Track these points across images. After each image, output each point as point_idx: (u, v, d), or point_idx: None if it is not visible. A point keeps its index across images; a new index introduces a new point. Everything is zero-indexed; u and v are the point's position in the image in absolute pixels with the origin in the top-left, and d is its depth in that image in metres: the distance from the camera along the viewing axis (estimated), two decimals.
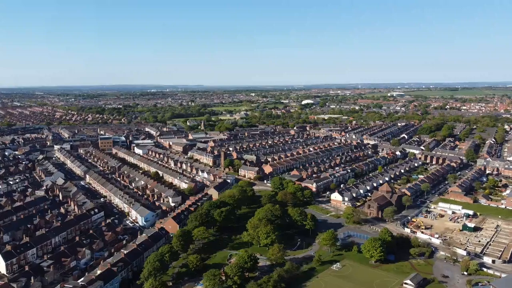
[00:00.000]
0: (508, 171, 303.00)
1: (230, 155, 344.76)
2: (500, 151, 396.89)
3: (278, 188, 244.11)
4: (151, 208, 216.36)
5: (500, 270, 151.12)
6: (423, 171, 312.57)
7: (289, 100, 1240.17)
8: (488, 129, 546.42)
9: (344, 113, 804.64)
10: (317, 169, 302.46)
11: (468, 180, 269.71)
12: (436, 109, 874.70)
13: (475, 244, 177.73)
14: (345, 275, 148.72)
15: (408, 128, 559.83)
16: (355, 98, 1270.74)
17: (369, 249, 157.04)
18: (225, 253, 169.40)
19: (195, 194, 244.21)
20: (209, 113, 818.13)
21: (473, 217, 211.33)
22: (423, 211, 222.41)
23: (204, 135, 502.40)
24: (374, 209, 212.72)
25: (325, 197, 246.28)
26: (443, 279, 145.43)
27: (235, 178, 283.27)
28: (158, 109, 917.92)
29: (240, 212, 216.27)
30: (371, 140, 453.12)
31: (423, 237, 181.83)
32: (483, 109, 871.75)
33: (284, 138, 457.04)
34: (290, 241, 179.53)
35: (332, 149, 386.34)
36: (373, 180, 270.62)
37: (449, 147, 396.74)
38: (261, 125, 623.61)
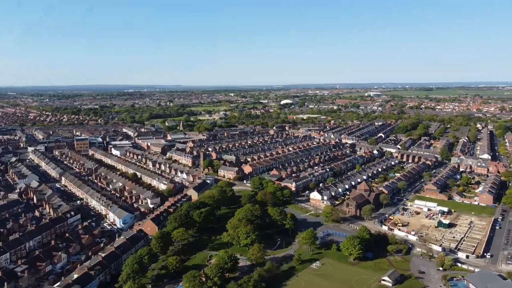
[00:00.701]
0: (481, 168, 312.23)
1: (209, 156, 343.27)
2: (473, 149, 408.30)
3: (258, 188, 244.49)
4: (129, 210, 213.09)
5: (473, 265, 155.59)
6: (399, 169, 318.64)
7: (268, 100, 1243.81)
8: (461, 128, 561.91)
9: (322, 113, 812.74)
10: (296, 168, 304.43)
11: (442, 178, 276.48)
12: (411, 109, 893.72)
13: (450, 240, 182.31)
14: (325, 273, 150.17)
15: (385, 127, 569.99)
16: (333, 98, 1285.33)
17: (348, 247, 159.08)
18: (205, 254, 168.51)
19: (174, 195, 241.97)
20: (188, 113, 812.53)
21: (447, 214, 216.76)
22: (400, 209, 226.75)
23: (183, 135, 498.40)
24: (352, 208, 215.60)
25: (305, 196, 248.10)
26: (419, 275, 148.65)
27: (215, 179, 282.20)
28: (135, 110, 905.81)
29: (220, 212, 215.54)
30: (349, 139, 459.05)
31: (400, 234, 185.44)
32: (457, 109, 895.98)
33: (264, 138, 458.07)
34: (270, 240, 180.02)
35: (311, 148, 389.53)
36: (351, 179, 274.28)
37: (424, 146, 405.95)
38: (241, 125, 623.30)
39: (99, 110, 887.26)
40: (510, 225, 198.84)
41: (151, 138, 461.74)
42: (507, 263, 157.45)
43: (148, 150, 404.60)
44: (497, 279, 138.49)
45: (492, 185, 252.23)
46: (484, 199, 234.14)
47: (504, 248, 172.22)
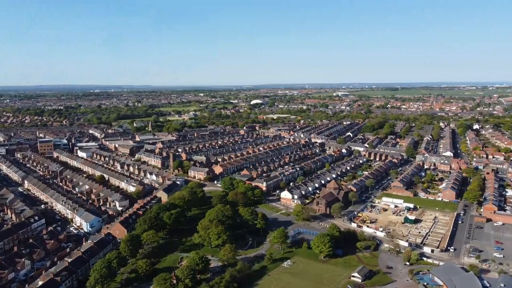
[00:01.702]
0: (444, 165, 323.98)
1: (179, 157, 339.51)
2: (436, 147, 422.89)
3: (229, 188, 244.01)
4: (96, 213, 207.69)
5: (438, 259, 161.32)
6: (367, 167, 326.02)
7: (238, 100, 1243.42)
8: (425, 127, 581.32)
9: (292, 112, 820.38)
10: (267, 168, 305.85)
11: (408, 175, 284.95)
12: (378, 108, 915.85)
13: (415, 235, 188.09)
14: (296, 272, 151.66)
15: (353, 126, 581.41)
16: (303, 98, 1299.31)
17: (318, 245, 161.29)
18: (175, 256, 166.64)
19: (144, 197, 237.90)
20: (157, 113, 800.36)
21: (413, 210, 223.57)
22: (368, 206, 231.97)
23: (152, 136, 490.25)
24: (322, 206, 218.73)
25: (275, 196, 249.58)
26: (387, 270, 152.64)
27: (185, 180, 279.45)
28: (102, 110, 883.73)
29: (190, 214, 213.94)
30: (319, 138, 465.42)
31: (368, 231, 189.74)
32: (421, 108, 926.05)
33: (234, 138, 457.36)
34: (241, 240, 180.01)
35: (281, 148, 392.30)
36: (321, 177, 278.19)
37: (390, 144, 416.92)
38: (211, 125, 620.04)
39: (64, 111, 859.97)
40: (471, 220, 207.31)
41: (119, 139, 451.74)
42: (469, 256, 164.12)
43: (115, 152, 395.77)
44: (460, 272, 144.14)
45: (454, 182, 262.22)
46: (447, 195, 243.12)
47: (466, 242, 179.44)
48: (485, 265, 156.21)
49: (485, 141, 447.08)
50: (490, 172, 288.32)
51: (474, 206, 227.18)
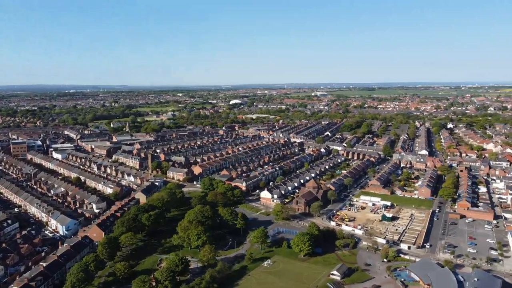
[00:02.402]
0: (419, 164, 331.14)
1: (158, 157, 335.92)
2: (412, 145, 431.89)
3: (208, 189, 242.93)
4: (73, 216, 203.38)
5: (415, 255, 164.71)
6: (345, 166, 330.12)
7: (217, 100, 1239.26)
8: (401, 126, 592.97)
9: (271, 112, 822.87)
10: (246, 168, 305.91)
11: (385, 173, 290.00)
12: (356, 108, 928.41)
13: (393, 232, 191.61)
14: (276, 271, 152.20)
15: (331, 126, 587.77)
16: (282, 98, 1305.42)
17: (298, 243, 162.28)
18: (155, 258, 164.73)
19: (121, 199, 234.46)
20: (134, 114, 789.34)
21: (390, 207, 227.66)
22: (347, 204, 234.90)
23: (129, 137, 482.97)
24: (302, 205, 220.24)
25: (255, 196, 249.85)
26: (366, 267, 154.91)
27: (164, 181, 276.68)
28: (78, 111, 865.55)
29: (169, 215, 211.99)
30: (298, 138, 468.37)
31: (347, 229, 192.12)
32: (397, 108, 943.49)
33: (213, 138, 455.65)
34: (221, 241, 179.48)
35: (261, 148, 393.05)
36: (300, 176, 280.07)
37: (368, 143, 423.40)
38: (189, 125, 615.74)
39: (37, 111, 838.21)
40: (446, 216, 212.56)
41: (95, 140, 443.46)
42: (444, 252, 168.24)
43: (92, 153, 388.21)
44: (435, 267, 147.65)
45: (429, 179, 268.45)
46: (423, 193, 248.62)
47: (441, 238, 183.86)
48: (460, 260, 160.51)
49: (458, 140, 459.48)
50: (463, 170, 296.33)
51: (449, 203, 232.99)
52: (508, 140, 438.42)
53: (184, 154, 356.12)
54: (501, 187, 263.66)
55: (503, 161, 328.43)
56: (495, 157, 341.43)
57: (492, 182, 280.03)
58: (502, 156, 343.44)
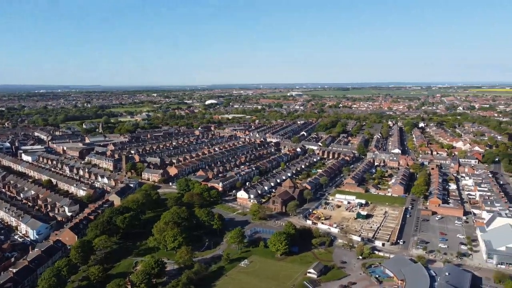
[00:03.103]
0: (392, 162, 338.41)
1: (132, 159, 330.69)
2: (386, 144, 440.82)
3: (184, 190, 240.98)
4: (44, 219, 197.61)
5: (389, 252, 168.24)
6: (321, 165, 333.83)
7: (192, 101, 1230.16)
8: (375, 125, 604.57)
9: (247, 112, 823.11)
10: (222, 168, 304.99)
11: (360, 172, 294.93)
12: (330, 108, 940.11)
13: (367, 230, 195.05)
14: (253, 271, 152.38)
15: (307, 126, 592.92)
16: (257, 98, 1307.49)
17: (274, 243, 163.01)
18: (130, 261, 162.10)
19: (95, 201, 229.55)
20: (108, 114, 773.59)
21: (365, 205, 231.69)
22: (323, 203, 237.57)
23: (102, 138, 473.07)
24: (278, 204, 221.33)
25: (232, 196, 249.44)
26: (341, 265, 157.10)
27: (139, 182, 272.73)
28: (49, 111, 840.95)
29: (145, 217, 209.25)
30: (274, 138, 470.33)
31: (323, 228, 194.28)
32: (371, 107, 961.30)
33: (189, 139, 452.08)
34: (198, 242, 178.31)
35: (237, 148, 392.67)
36: (276, 176, 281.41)
37: (343, 143, 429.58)
38: (165, 126, 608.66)
39: (5, 112, 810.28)
40: (418, 213, 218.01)
41: (67, 142, 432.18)
42: (416, 248, 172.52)
43: (64, 155, 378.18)
44: (409, 263, 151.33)
45: (402, 177, 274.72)
46: (396, 190, 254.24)
47: (414, 235, 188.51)
48: (432, 255, 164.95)
49: (429, 138, 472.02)
50: (434, 168, 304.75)
51: (421, 200, 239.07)
52: (476, 138, 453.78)
53: (160, 155, 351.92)
54: (470, 184, 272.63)
55: (471, 158, 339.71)
56: (464, 155, 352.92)
57: (461, 179, 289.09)
58: (470, 154, 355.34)
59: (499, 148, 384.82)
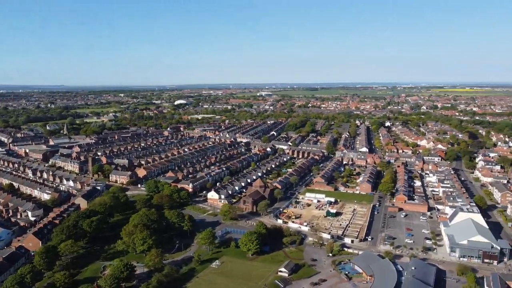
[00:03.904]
0: (360, 160, 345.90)
1: (99, 160, 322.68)
2: (353, 143, 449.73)
3: (154, 192, 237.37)
4: (5, 225, 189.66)
5: (358, 248, 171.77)
6: (291, 165, 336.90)
7: (161, 101, 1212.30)
8: (343, 125, 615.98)
9: (217, 112, 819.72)
10: (192, 169, 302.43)
11: (329, 171, 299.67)
12: (300, 108, 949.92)
13: (337, 227, 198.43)
14: (225, 271, 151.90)
15: (277, 125, 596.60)
16: (227, 98, 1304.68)
17: (246, 243, 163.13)
18: (97, 265, 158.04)
19: (60, 205, 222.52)
20: (73, 115, 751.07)
21: (334, 203, 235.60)
22: (293, 202, 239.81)
23: (67, 140, 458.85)
24: (249, 204, 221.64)
25: (202, 197, 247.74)
26: (312, 263, 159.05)
27: (106, 184, 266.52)
28: (9, 113, 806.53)
29: (113, 220, 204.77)
30: (244, 138, 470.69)
31: (293, 226, 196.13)
32: (339, 107, 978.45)
33: (158, 140, 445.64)
34: (168, 244, 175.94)
35: (207, 148, 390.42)
36: (247, 176, 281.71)
37: (312, 142, 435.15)
38: (133, 127, 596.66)
39: None
40: (385, 210, 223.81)
41: (29, 144, 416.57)
42: (384, 244, 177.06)
43: (26, 157, 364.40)
44: (377, 259, 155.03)
45: (370, 175, 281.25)
46: (364, 188, 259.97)
47: (382, 231, 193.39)
48: (398, 251, 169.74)
49: (395, 137, 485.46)
50: (400, 166, 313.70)
51: (388, 197, 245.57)
52: (438, 137, 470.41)
53: (128, 157, 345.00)
54: (434, 181, 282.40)
55: (435, 156, 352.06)
56: (428, 152, 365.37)
57: (425, 176, 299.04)
58: (434, 152, 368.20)
59: (460, 145, 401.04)
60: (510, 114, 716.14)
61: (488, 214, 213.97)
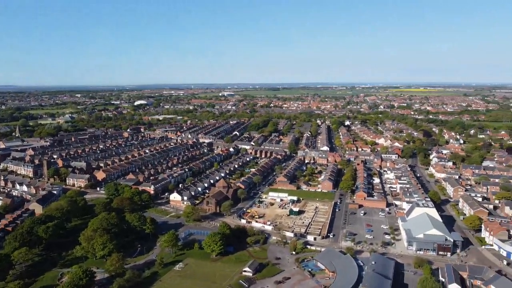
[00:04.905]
0: (322, 159, 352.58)
1: (55, 164, 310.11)
2: (315, 142, 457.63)
3: (114, 195, 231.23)
4: None
5: (320, 245, 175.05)
6: (254, 164, 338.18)
7: (120, 101, 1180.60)
8: (304, 124, 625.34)
9: (178, 113, 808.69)
10: (154, 171, 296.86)
11: (291, 170, 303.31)
12: (262, 107, 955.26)
13: (300, 225, 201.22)
14: (188, 274, 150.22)
15: (239, 125, 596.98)
16: (189, 98, 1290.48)
17: (209, 244, 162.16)
18: (55, 273, 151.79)
19: (13, 211, 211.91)
20: (26, 117, 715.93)
21: (297, 202, 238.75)
22: (256, 202, 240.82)
23: (20, 142, 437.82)
24: (212, 205, 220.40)
25: (164, 199, 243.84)
26: (276, 261, 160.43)
27: (63, 189, 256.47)
28: None
29: (71, 225, 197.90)
30: (206, 138, 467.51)
31: (257, 226, 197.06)
32: (300, 107, 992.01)
33: (117, 141, 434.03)
34: (130, 248, 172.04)
35: (169, 149, 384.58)
36: (210, 177, 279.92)
37: (275, 142, 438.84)
38: (90, 128, 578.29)
39: None
40: (346, 207, 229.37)
41: None
42: (345, 240, 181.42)
43: None
44: (339, 255, 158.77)
45: (331, 173, 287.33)
46: (325, 186, 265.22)
47: (343, 228, 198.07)
48: (359, 246, 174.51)
49: (355, 136, 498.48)
50: (360, 163, 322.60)
51: (348, 194, 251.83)
52: (395, 135, 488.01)
53: (86, 159, 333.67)
54: (392, 178, 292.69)
55: (392, 154, 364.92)
56: (386, 150, 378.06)
57: (384, 173, 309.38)
58: (391, 150, 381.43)
59: (416, 143, 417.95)
60: (460, 113, 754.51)
61: (442, 208, 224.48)
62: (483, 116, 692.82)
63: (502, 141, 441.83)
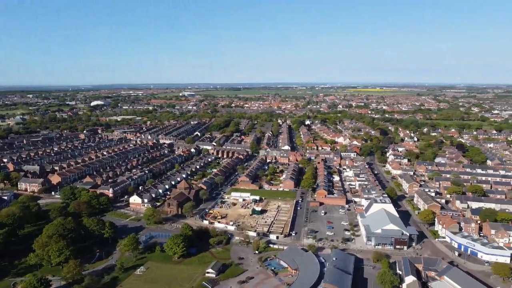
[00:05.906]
0: (283, 158, 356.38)
1: (5, 168, 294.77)
2: (276, 142, 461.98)
3: (70, 199, 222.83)
4: None
5: (283, 244, 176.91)
6: (216, 165, 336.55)
7: (76, 102, 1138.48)
8: (266, 124, 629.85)
9: (138, 113, 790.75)
10: (113, 173, 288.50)
11: (253, 169, 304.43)
12: (223, 107, 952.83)
13: (262, 225, 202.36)
14: (150, 277, 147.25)
15: (201, 126, 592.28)
16: (148, 98, 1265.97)
17: (171, 246, 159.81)
18: (7, 283, 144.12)
19: None
20: None
21: (259, 201, 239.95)
22: (219, 202, 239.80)
23: None
24: (174, 207, 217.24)
25: (124, 202, 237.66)
26: (239, 261, 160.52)
27: (14, 194, 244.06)
28: None
29: (23, 232, 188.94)
30: (167, 139, 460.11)
31: (220, 226, 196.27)
32: (261, 107, 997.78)
33: (73, 143, 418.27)
34: (88, 253, 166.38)
35: (128, 151, 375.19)
36: (171, 178, 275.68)
37: (236, 141, 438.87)
38: (44, 130, 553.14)
39: None
40: (308, 205, 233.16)
41: None
42: (307, 238, 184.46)
43: None
44: (301, 253, 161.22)
45: (292, 172, 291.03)
46: (287, 185, 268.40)
47: (304, 225, 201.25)
48: (321, 243, 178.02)
49: (315, 135, 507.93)
50: (320, 162, 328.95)
51: (309, 192, 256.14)
52: (354, 133, 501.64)
53: (39, 162, 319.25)
54: (351, 175, 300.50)
55: (351, 152, 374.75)
56: (345, 149, 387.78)
57: (343, 171, 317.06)
58: (350, 148, 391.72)
59: (373, 141, 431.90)
60: (414, 112, 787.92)
61: (398, 204, 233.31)
62: (434, 115, 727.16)
63: (452, 138, 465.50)
